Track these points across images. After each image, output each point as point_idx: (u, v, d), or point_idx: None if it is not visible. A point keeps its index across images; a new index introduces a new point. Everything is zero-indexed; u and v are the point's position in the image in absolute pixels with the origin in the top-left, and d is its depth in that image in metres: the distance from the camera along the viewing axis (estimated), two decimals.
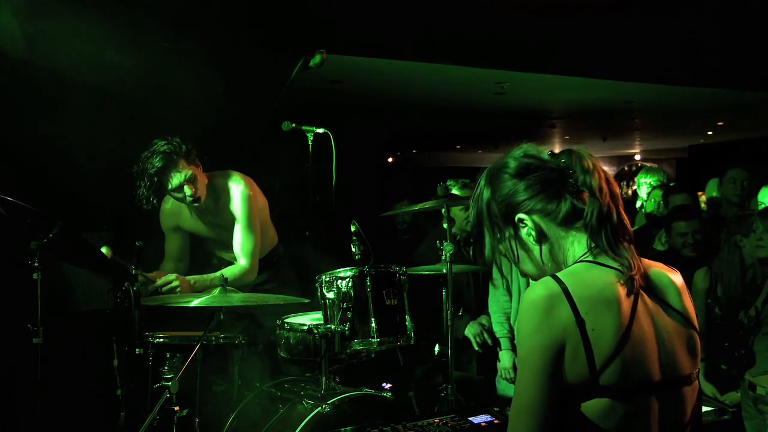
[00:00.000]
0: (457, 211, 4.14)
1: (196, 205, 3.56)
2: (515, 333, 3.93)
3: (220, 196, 3.65)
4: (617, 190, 1.63)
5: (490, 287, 4.12)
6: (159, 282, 3.27)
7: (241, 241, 3.62)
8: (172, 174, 3.41)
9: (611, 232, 1.57)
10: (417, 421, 2.41)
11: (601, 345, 1.48)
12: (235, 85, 3.63)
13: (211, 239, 3.82)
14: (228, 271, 3.49)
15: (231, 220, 3.66)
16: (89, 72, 3.90)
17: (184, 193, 3.47)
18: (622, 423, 1.49)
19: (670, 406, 1.56)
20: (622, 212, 1.61)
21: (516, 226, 1.64)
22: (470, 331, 4.20)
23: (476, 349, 4.20)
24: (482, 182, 1.68)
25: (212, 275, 3.48)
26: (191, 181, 3.46)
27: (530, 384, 1.50)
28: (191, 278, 3.39)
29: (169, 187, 3.45)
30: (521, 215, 1.62)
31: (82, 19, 3.92)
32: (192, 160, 3.49)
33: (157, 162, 3.38)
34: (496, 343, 4.12)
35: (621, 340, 1.49)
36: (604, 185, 1.59)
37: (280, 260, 3.96)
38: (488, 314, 4.17)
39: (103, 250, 3.17)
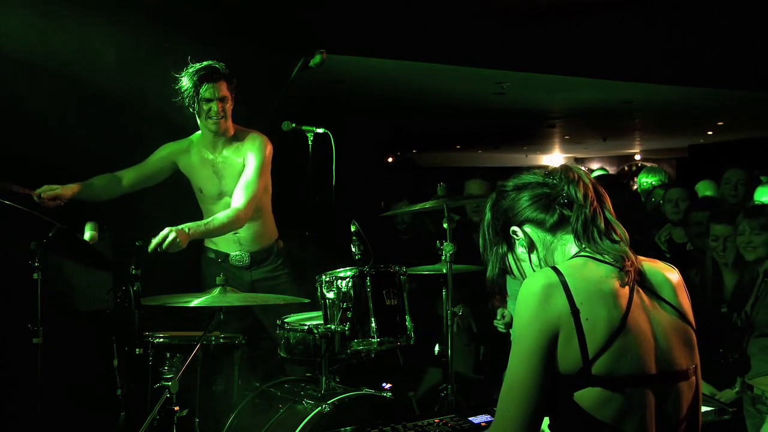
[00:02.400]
0: None
1: (213, 127, 3.58)
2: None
3: (236, 141, 3.70)
4: (606, 197, 1.75)
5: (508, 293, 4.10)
6: (155, 241, 3.09)
7: (245, 182, 3.58)
8: (209, 85, 3.52)
9: (597, 235, 1.68)
10: (417, 421, 2.41)
11: (595, 335, 1.54)
12: (235, 85, 3.64)
13: (205, 189, 3.74)
14: (222, 215, 3.45)
15: (235, 170, 3.65)
16: (88, 72, 3.91)
17: (211, 108, 3.53)
18: (618, 414, 1.54)
19: (666, 400, 1.60)
20: (611, 215, 1.73)
21: (510, 240, 1.78)
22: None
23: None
24: (486, 207, 1.84)
25: (206, 221, 3.41)
26: (223, 101, 3.55)
27: (522, 366, 1.57)
28: (185, 226, 3.23)
29: (201, 95, 3.52)
30: (514, 227, 1.76)
31: (82, 20, 3.93)
32: (232, 90, 3.59)
33: (202, 69, 3.52)
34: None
35: (615, 331, 1.55)
36: (591, 193, 1.71)
37: (279, 255, 3.93)
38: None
39: (88, 232, 3.11)
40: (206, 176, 3.73)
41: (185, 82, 3.53)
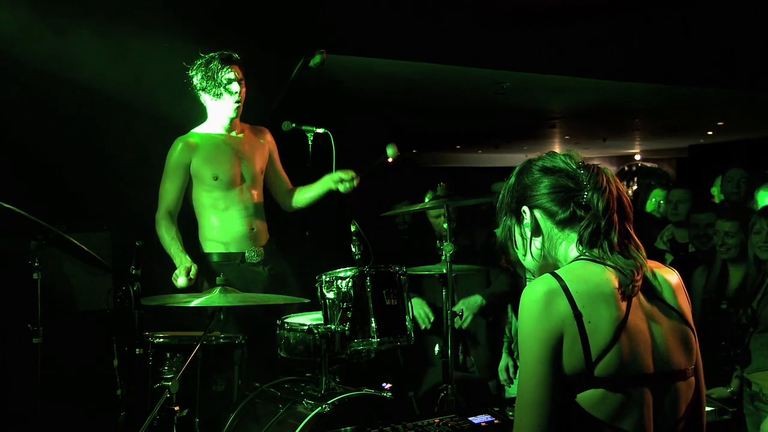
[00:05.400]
0: None
1: (234, 109, 3.61)
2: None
3: (244, 131, 3.78)
4: (629, 210, 1.70)
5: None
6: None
7: (281, 172, 3.91)
8: (229, 69, 3.57)
9: (608, 247, 1.64)
10: (417, 421, 2.41)
11: (597, 337, 1.55)
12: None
13: (222, 174, 3.61)
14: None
15: (254, 153, 3.72)
16: (88, 72, 3.91)
17: (233, 89, 3.58)
18: (615, 413, 1.55)
19: (664, 399, 1.61)
20: (628, 227, 1.68)
21: (520, 216, 1.75)
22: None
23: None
24: (514, 171, 1.80)
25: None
26: (240, 83, 3.61)
27: (532, 376, 1.56)
28: None
29: (223, 75, 3.55)
30: (525, 207, 1.73)
31: (82, 21, 3.93)
32: (243, 73, 3.67)
33: (223, 54, 3.57)
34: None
35: (616, 333, 1.55)
36: (613, 203, 1.66)
37: (274, 256, 3.90)
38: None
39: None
40: (225, 159, 3.63)
41: (203, 67, 3.54)
